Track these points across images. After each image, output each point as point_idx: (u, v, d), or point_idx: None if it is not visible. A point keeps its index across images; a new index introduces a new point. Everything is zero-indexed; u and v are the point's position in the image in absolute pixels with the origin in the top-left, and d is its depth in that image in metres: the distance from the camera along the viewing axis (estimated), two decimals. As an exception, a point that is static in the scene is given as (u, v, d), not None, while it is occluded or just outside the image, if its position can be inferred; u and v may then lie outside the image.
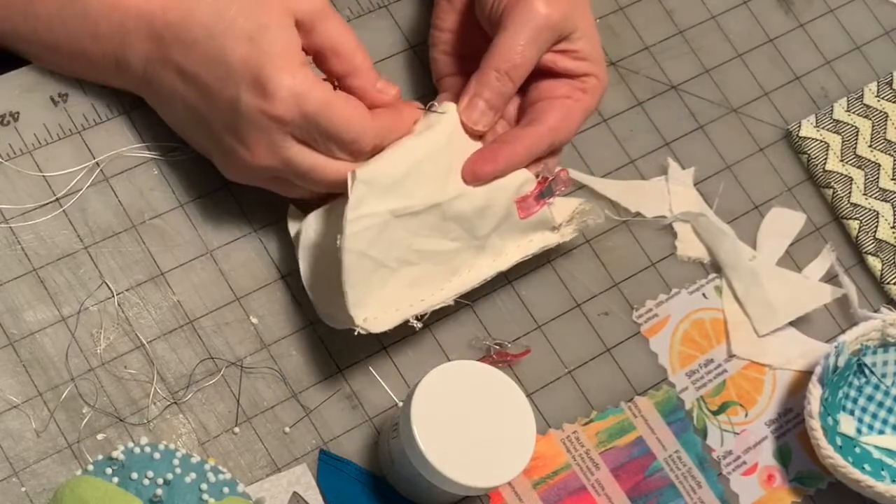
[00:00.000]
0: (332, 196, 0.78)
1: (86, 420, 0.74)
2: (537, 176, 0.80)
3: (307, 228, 0.78)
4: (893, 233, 0.94)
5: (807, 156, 0.95)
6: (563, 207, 0.83)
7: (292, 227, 0.80)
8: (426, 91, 0.87)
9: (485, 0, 0.80)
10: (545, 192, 0.80)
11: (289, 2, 0.74)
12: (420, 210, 0.76)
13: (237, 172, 0.77)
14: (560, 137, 0.80)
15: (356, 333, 0.75)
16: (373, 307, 0.75)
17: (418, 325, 0.77)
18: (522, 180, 0.80)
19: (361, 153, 0.76)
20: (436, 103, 0.80)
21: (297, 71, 0.72)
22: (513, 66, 0.78)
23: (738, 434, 0.86)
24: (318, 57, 0.76)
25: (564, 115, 0.80)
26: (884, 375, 0.89)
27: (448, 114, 0.78)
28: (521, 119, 0.82)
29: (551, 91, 0.81)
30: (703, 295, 0.89)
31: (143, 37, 0.75)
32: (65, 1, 0.75)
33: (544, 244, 0.82)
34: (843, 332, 0.89)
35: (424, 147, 0.77)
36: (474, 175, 0.78)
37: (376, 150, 0.76)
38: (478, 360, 0.78)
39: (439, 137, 0.77)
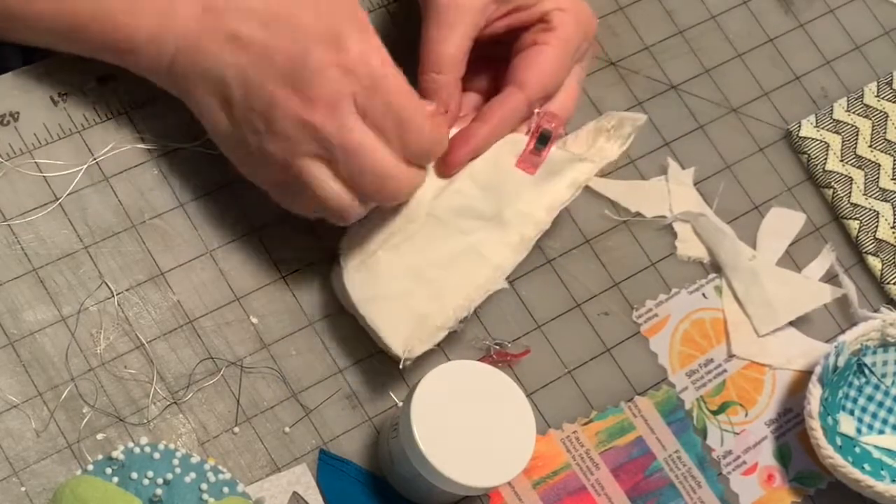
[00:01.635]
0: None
1: (86, 420, 0.74)
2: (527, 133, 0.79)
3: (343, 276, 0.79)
4: (893, 233, 0.94)
5: (807, 156, 0.95)
6: (579, 139, 0.81)
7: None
8: (426, 91, 0.87)
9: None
10: (540, 139, 0.78)
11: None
12: (411, 233, 0.76)
13: (275, 143, 0.73)
14: (538, 87, 0.79)
15: (401, 367, 0.76)
16: (412, 337, 0.76)
17: (460, 327, 0.77)
18: (512, 142, 0.78)
19: (413, 145, 0.73)
20: None
21: (368, 31, 0.72)
22: (438, 63, 0.77)
23: (737, 434, 0.86)
24: None
25: (530, 65, 0.79)
26: (884, 375, 0.89)
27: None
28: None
29: (519, 47, 0.80)
30: (703, 295, 0.89)
31: (190, 8, 0.73)
32: None
33: (584, 178, 0.79)
34: (843, 332, 0.89)
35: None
36: (449, 165, 0.77)
37: (426, 158, 0.75)
38: (478, 360, 0.78)
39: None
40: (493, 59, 0.82)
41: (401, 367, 0.76)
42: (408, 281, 0.76)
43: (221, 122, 0.75)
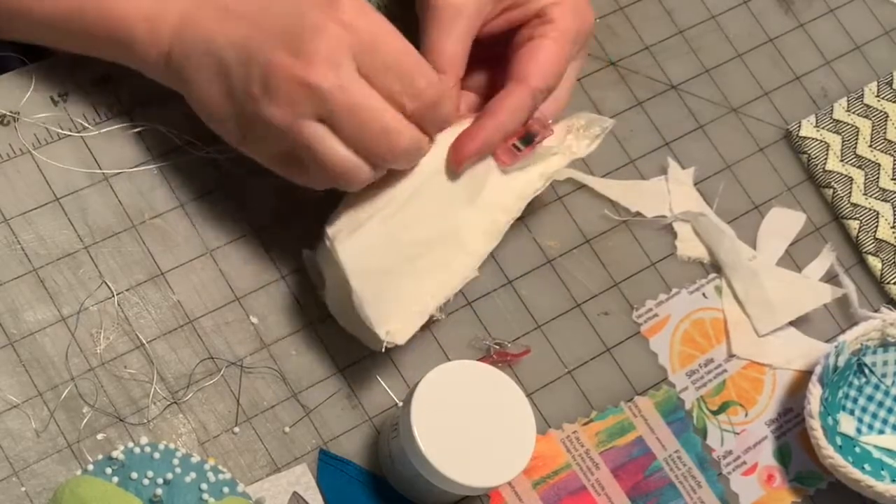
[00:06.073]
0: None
1: (86, 420, 0.74)
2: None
3: (320, 261, 0.79)
4: (893, 233, 0.94)
5: (807, 156, 0.95)
6: (555, 135, 0.82)
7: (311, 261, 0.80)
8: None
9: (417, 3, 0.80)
10: (524, 140, 0.79)
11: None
12: (400, 206, 0.76)
13: (275, 109, 0.72)
14: (541, 82, 0.78)
15: (382, 349, 0.75)
16: (394, 317, 0.75)
17: (441, 315, 0.77)
18: None
19: (418, 101, 0.73)
20: None
21: None
22: (438, 64, 0.76)
23: (738, 434, 0.86)
24: None
25: (532, 59, 0.78)
26: (884, 375, 0.89)
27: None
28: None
29: (517, 43, 0.79)
30: (703, 295, 0.89)
31: None
32: None
33: (553, 170, 0.81)
34: (843, 332, 0.89)
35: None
36: (459, 161, 0.77)
37: (433, 116, 0.74)
38: (478, 360, 0.78)
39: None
40: (490, 59, 0.82)
41: (381, 349, 0.75)
42: (393, 256, 0.76)
43: (219, 99, 0.74)
